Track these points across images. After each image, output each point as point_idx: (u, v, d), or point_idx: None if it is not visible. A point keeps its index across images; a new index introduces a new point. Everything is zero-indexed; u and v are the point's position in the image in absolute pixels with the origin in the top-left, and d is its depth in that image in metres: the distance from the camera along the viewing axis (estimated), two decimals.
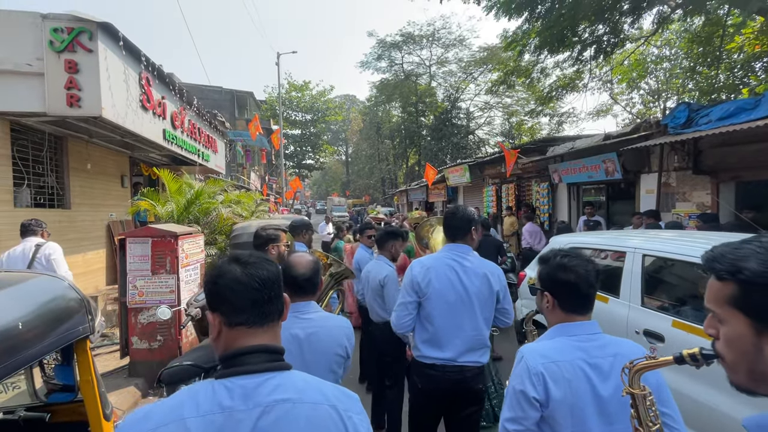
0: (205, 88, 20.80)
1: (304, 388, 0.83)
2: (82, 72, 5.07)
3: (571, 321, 1.27)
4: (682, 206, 5.70)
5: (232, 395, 0.77)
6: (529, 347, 1.26)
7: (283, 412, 0.77)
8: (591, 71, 13.53)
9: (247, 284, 0.83)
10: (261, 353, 0.82)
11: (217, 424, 0.74)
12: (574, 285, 1.25)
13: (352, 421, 0.83)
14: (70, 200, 6.60)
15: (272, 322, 0.87)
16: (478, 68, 25.55)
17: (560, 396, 1.16)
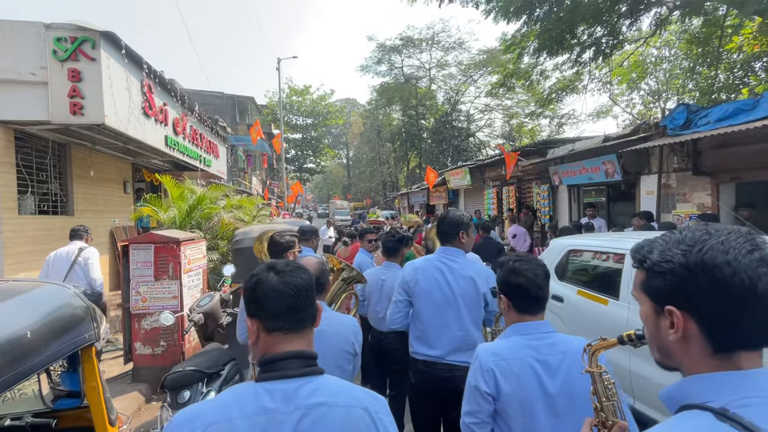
0: (206, 93, 20.93)
1: (338, 392, 0.89)
2: (85, 80, 5.14)
3: (524, 321, 1.37)
4: (683, 207, 5.71)
5: (274, 398, 0.83)
6: (484, 346, 1.38)
7: (320, 415, 0.84)
8: (590, 73, 13.59)
9: (282, 292, 0.89)
10: (298, 359, 0.88)
11: (261, 425, 0.81)
12: (524, 288, 1.35)
13: (383, 422, 0.90)
14: (73, 207, 6.65)
15: (306, 328, 0.92)
16: (478, 71, 25.65)
17: (509, 390, 1.27)
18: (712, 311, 0.62)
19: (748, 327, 0.61)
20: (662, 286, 0.66)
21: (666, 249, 0.67)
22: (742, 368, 0.62)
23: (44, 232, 5.96)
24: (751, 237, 0.64)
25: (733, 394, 0.59)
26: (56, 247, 6.18)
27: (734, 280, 0.60)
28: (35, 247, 5.76)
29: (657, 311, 0.68)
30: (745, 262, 0.60)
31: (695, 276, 0.62)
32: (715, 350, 0.63)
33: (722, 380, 0.61)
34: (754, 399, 0.58)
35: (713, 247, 0.62)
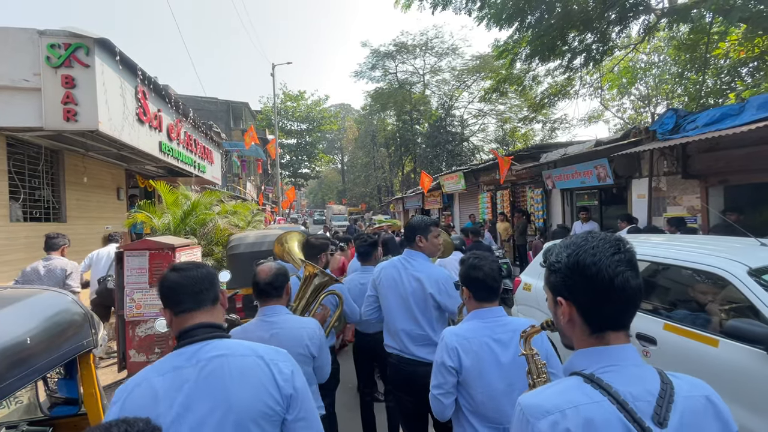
0: (200, 99, 20.88)
1: (235, 346, 1.11)
2: (79, 87, 5.13)
3: (482, 308, 1.62)
4: (673, 210, 5.80)
5: (182, 357, 1.06)
6: (449, 329, 1.62)
7: (218, 364, 1.05)
8: (581, 78, 13.78)
9: (180, 283, 1.13)
10: (202, 328, 1.10)
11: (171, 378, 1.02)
12: (482, 281, 1.60)
13: (278, 366, 1.10)
14: (65, 213, 6.60)
15: (206, 306, 1.14)
16: (471, 76, 25.89)
17: (470, 364, 1.51)
18: (586, 301, 0.79)
19: (610, 313, 0.79)
20: (555, 281, 0.84)
21: (558, 252, 0.84)
22: (610, 344, 0.79)
23: (36, 239, 5.89)
24: (617, 243, 0.79)
25: (600, 363, 0.78)
26: None
27: (598, 277, 0.77)
28: (27, 255, 5.69)
29: (555, 302, 0.85)
30: (607, 262, 0.76)
31: (573, 273, 0.79)
32: (591, 331, 0.80)
33: (593, 353, 0.80)
34: (614, 367, 0.77)
35: (586, 251, 0.79)
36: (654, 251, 2.94)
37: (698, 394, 0.77)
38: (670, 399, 0.74)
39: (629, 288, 0.77)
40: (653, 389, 0.75)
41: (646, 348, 2.73)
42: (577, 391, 0.75)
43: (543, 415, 0.74)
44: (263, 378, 1.08)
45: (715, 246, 2.97)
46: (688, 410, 0.74)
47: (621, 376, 0.76)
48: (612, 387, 0.73)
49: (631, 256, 0.79)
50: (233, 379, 1.05)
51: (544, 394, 0.80)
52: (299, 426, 1.10)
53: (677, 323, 2.61)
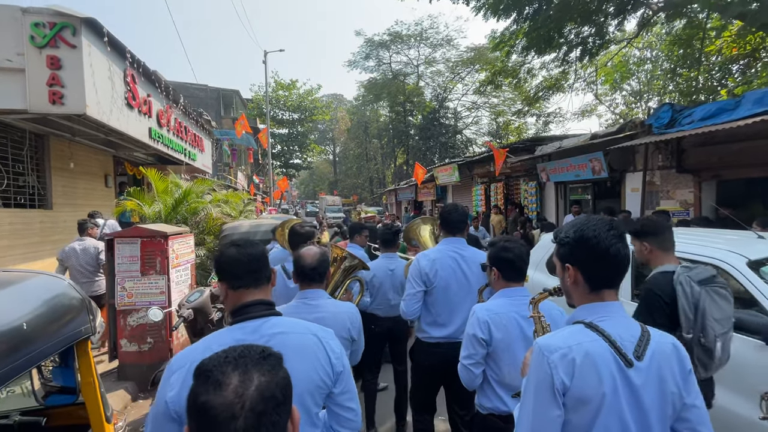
0: (190, 86, 20.40)
1: (294, 324, 1.20)
2: (65, 68, 4.92)
3: (510, 287, 1.76)
4: (666, 204, 5.86)
5: (244, 332, 1.11)
6: (480, 305, 1.77)
7: (280, 340, 1.11)
8: (576, 72, 13.80)
9: (240, 260, 1.18)
10: (260, 305, 1.17)
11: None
12: (512, 261, 1.74)
13: (330, 345, 1.21)
14: (51, 200, 6.41)
15: (263, 284, 1.21)
16: (466, 68, 25.76)
17: (500, 337, 1.66)
18: (588, 265, 1.04)
19: (605, 275, 1.05)
20: (564, 252, 1.09)
21: (567, 229, 1.09)
22: (605, 300, 1.05)
23: (21, 225, 5.72)
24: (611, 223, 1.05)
25: (597, 314, 1.03)
26: (35, 241, 5.97)
27: (597, 247, 1.02)
28: (12, 242, 5.52)
29: (562, 268, 1.09)
30: (604, 236, 1.02)
31: (579, 245, 1.05)
32: (591, 289, 1.06)
33: (591, 307, 1.05)
34: (607, 317, 1.02)
35: (588, 227, 1.04)
36: None
37: (667, 341, 1.04)
38: (647, 341, 1.00)
39: (620, 255, 1.03)
40: (635, 334, 1.01)
41: None
42: (580, 333, 1.00)
43: (555, 350, 0.98)
44: (319, 355, 1.17)
45: (713, 238, 2.99)
46: (658, 350, 1.00)
47: (612, 323, 1.01)
48: (606, 331, 0.98)
49: (621, 232, 1.04)
50: (294, 355, 1.09)
51: (555, 336, 1.03)
52: (344, 398, 1.22)
53: None
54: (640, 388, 0.96)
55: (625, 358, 0.96)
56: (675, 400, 1.00)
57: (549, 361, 0.96)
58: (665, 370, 0.99)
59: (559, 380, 0.95)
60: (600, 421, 0.96)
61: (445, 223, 2.42)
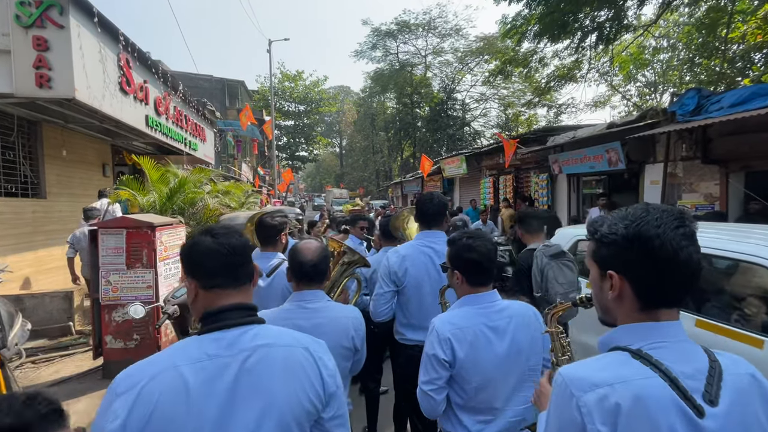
0: (194, 76, 20.19)
1: (280, 334, 0.97)
2: (52, 50, 4.68)
3: (476, 293, 1.47)
4: (689, 197, 5.49)
5: (219, 345, 0.88)
6: (440, 317, 1.46)
7: (263, 354, 0.89)
8: (590, 61, 13.26)
9: (217, 251, 0.93)
10: (239, 310, 0.93)
11: (209, 369, 0.84)
12: (477, 262, 1.45)
13: (322, 360, 0.98)
14: (45, 189, 6.22)
15: (243, 284, 0.97)
16: (475, 58, 25.18)
17: (464, 355, 1.38)
18: (643, 275, 0.75)
19: (669, 288, 0.75)
20: (606, 254, 0.79)
21: (613, 223, 0.78)
22: (660, 320, 0.76)
23: (12, 215, 5.54)
24: (680, 216, 0.75)
25: (648, 340, 0.74)
26: (27, 231, 5.80)
27: (661, 250, 0.72)
28: (2, 232, 5.34)
29: (602, 275, 0.81)
30: (671, 235, 0.72)
31: (632, 245, 0.75)
32: (642, 307, 0.77)
33: (641, 329, 0.76)
34: (665, 343, 0.73)
35: (648, 222, 0.74)
36: None
37: (743, 372, 0.75)
38: (719, 377, 0.72)
39: (693, 263, 0.74)
40: (702, 367, 0.73)
41: None
42: (626, 365, 0.73)
43: (591, 388, 0.71)
44: (310, 373, 0.95)
45: (748, 234, 2.67)
46: (735, 387, 0.72)
47: (671, 352, 0.73)
48: (663, 364, 0.71)
49: (693, 230, 0.75)
50: (280, 373, 0.91)
51: (590, 366, 0.76)
52: (335, 424, 0.99)
53: (713, 320, 2.32)
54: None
55: (694, 405, 0.68)
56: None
57: (580, 404, 0.70)
58: (749, 416, 0.71)
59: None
60: None
61: (420, 215, 2.20)
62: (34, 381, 3.76)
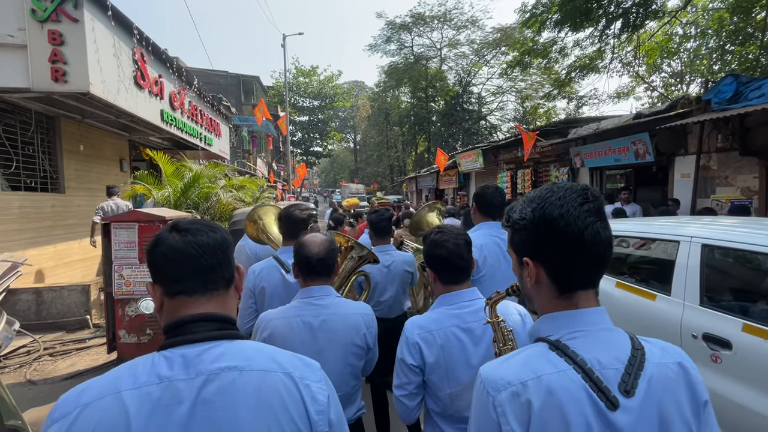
0: (210, 72, 20.37)
1: (254, 355, 0.76)
2: (67, 44, 4.69)
3: (451, 291, 1.38)
4: (724, 191, 5.16)
5: (172, 365, 0.71)
6: (411, 320, 1.38)
7: (229, 381, 0.71)
8: (614, 50, 12.74)
9: (183, 251, 0.77)
10: (204, 322, 0.76)
11: (155, 396, 0.68)
12: (445, 259, 1.36)
13: (310, 389, 0.77)
14: (64, 184, 6.30)
15: (216, 290, 0.80)
16: (491, 50, 24.62)
17: (434, 360, 1.30)
18: (554, 258, 0.73)
19: (581, 269, 0.73)
20: (519, 240, 0.78)
21: (522, 208, 0.77)
22: (579, 307, 0.74)
23: (32, 209, 5.62)
24: (584, 192, 0.74)
25: (567, 329, 0.73)
26: (47, 225, 5.88)
27: (567, 230, 0.71)
28: (22, 226, 5.43)
29: (520, 263, 0.80)
30: (575, 213, 0.71)
31: (539, 229, 0.73)
32: (559, 292, 0.75)
33: (561, 318, 0.74)
34: (581, 332, 0.72)
35: (552, 203, 0.73)
36: (729, 236, 2.41)
37: (670, 361, 0.72)
38: (639, 366, 0.69)
39: (599, 241, 0.72)
40: (623, 356, 0.71)
41: (716, 353, 2.24)
42: (542, 359, 0.71)
43: (504, 387, 0.70)
44: (291, 408, 0.74)
45: None
46: (657, 377, 0.69)
47: (589, 341, 0.72)
48: (578, 355, 0.70)
49: (599, 205, 0.74)
50: (247, 408, 0.71)
51: (507, 363, 0.74)
52: None
53: (763, 324, 2.11)
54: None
55: (607, 396, 0.66)
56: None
57: (495, 404, 0.69)
58: (668, 407, 0.68)
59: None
60: None
61: (485, 206, 2.22)
62: (50, 374, 3.78)
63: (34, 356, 4.17)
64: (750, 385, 2.09)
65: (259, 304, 2.00)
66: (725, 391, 2.13)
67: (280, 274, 2.04)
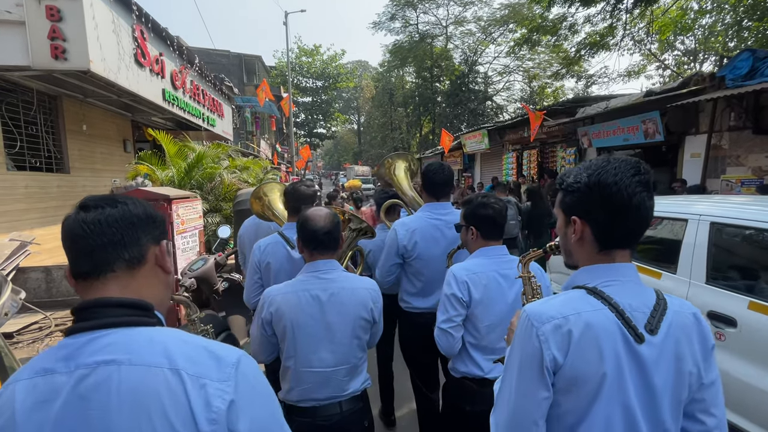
0: (212, 52, 20.04)
1: (142, 347, 0.66)
2: (65, 20, 4.60)
3: (488, 246, 1.64)
4: (735, 171, 5.06)
5: (57, 355, 0.66)
6: (458, 265, 1.62)
7: (104, 377, 0.63)
8: (625, 26, 12.33)
9: (72, 231, 0.71)
10: (98, 308, 0.69)
11: (39, 389, 0.64)
12: (491, 218, 1.61)
13: (204, 390, 0.64)
14: (68, 164, 6.31)
15: (113, 272, 0.71)
16: (499, 27, 23.94)
17: (479, 297, 1.54)
18: (601, 218, 0.84)
19: (623, 230, 0.84)
20: (571, 201, 0.88)
21: (577, 173, 0.87)
22: (615, 262, 0.86)
23: (38, 189, 5.65)
24: (637, 165, 0.83)
25: (603, 278, 0.85)
26: (53, 206, 5.92)
27: (617, 195, 0.81)
28: (29, 205, 5.47)
29: (566, 222, 0.90)
30: (627, 182, 0.81)
31: (592, 192, 0.83)
32: (600, 248, 0.86)
33: (598, 270, 0.86)
34: (616, 281, 0.84)
35: (608, 171, 0.82)
36: (740, 214, 2.37)
37: (687, 311, 0.85)
38: (662, 312, 0.82)
39: (644, 208, 0.82)
40: (649, 303, 0.83)
41: (720, 330, 2.24)
42: (581, 300, 0.83)
43: (548, 320, 0.81)
44: (171, 412, 0.62)
45: None
46: (676, 322, 0.82)
47: (622, 289, 0.83)
48: (613, 298, 0.81)
49: (648, 178, 0.82)
50: (121, 410, 0.62)
51: (549, 303, 0.85)
52: None
53: None
54: (652, 368, 0.80)
55: (635, 332, 0.79)
56: (692, 382, 0.83)
57: (539, 333, 0.80)
58: (683, 347, 0.82)
59: (549, 357, 0.79)
60: (598, 407, 0.79)
61: (430, 185, 2.14)
62: None
63: (46, 332, 4.27)
64: (754, 362, 2.09)
65: (265, 280, 2.01)
66: (729, 368, 2.13)
67: (286, 250, 2.04)
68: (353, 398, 1.48)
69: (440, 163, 2.20)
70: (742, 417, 2.10)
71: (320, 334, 1.42)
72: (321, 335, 1.42)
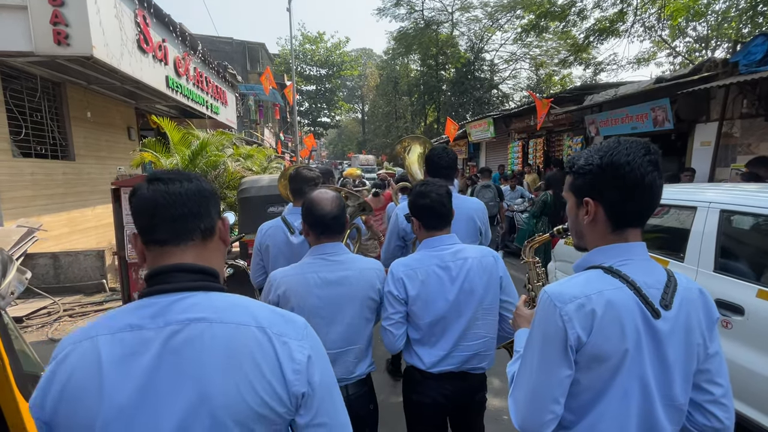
0: (215, 39, 19.87)
1: (227, 308, 0.74)
2: (68, 5, 4.57)
3: (432, 236, 1.57)
4: (745, 160, 4.95)
5: (142, 314, 0.71)
6: (397, 261, 1.56)
7: (197, 332, 0.70)
8: (636, 11, 12.04)
9: (153, 200, 0.75)
10: (177, 272, 0.75)
11: (126, 343, 0.69)
12: (430, 207, 1.53)
13: (288, 346, 0.73)
14: (73, 151, 6.32)
15: (192, 240, 0.77)
16: (506, 13, 23.44)
17: (415, 293, 1.48)
18: (614, 198, 0.87)
19: (635, 210, 0.88)
20: (582, 183, 0.91)
21: (588, 156, 0.90)
22: (628, 241, 0.90)
23: (44, 176, 5.67)
24: (647, 145, 0.86)
25: (618, 257, 0.88)
26: (60, 193, 5.96)
27: (630, 175, 0.84)
28: (36, 192, 5.50)
29: (578, 204, 0.93)
30: (639, 161, 0.84)
31: (605, 172, 0.86)
32: (613, 228, 0.89)
33: (612, 249, 0.89)
34: (630, 260, 0.88)
35: (620, 152, 0.86)
36: (748, 200, 2.33)
37: (694, 287, 0.91)
38: (674, 288, 0.88)
39: (655, 186, 0.85)
40: (662, 279, 0.88)
41: (727, 318, 2.22)
42: (600, 279, 0.86)
43: (571, 300, 0.83)
44: (263, 364, 0.71)
45: None
46: (685, 297, 0.88)
47: (636, 268, 0.87)
48: (629, 277, 0.85)
49: (657, 158, 0.86)
50: (215, 361, 0.69)
51: (569, 283, 0.87)
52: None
53: None
54: (666, 341, 0.85)
55: (652, 308, 0.84)
56: (700, 352, 0.89)
57: (562, 313, 0.82)
58: (692, 320, 0.88)
59: (574, 336, 0.82)
60: (618, 382, 0.84)
61: (432, 168, 2.12)
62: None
63: (55, 317, 4.34)
64: (760, 350, 2.07)
65: (265, 262, 2.02)
66: (734, 356, 2.12)
67: (285, 235, 2.04)
68: (359, 382, 1.51)
69: (444, 147, 2.18)
70: (748, 405, 2.10)
71: (330, 316, 1.44)
72: (331, 317, 1.44)
